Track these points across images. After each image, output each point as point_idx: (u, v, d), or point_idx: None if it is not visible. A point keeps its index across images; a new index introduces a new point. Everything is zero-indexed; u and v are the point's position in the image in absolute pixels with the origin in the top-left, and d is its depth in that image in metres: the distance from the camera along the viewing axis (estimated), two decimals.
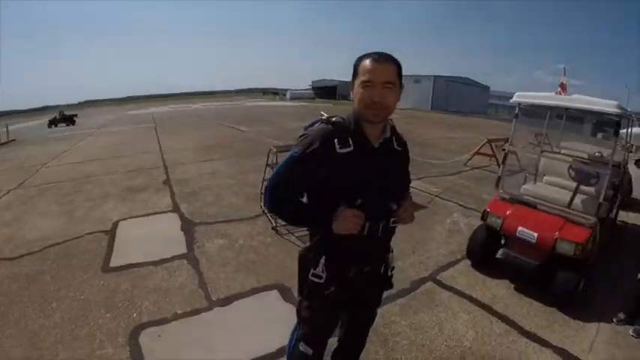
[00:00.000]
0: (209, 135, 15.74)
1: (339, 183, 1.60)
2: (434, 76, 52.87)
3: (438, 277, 4.05)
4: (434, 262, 4.39)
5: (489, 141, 10.59)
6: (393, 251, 1.92)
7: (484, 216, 4.19)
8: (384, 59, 1.53)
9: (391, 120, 1.75)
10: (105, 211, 6.24)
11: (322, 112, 1.71)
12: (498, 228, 3.99)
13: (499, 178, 4.47)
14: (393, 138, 1.73)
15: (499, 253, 4.11)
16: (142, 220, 5.80)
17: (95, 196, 7.13)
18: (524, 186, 4.79)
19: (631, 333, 3.25)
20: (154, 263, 4.32)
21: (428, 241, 4.94)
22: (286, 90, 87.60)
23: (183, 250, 4.64)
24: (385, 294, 3.55)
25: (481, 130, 19.96)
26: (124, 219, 5.81)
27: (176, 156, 11.00)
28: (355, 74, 1.58)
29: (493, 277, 4.08)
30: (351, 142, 1.59)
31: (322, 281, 1.74)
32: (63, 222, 5.82)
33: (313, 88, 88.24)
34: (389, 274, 1.91)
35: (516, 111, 4.50)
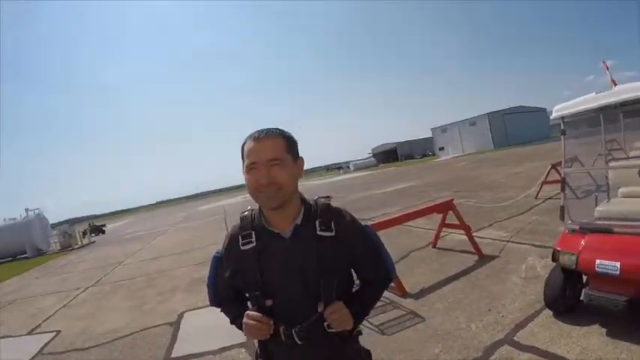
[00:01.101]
0: None
1: (243, 283, 1.47)
2: (487, 114, 51.91)
3: (515, 338, 3.47)
4: (510, 319, 3.83)
5: (554, 166, 9.87)
6: None
7: (555, 256, 3.64)
8: (264, 136, 1.37)
9: (328, 197, 1.52)
10: (173, 303, 6.56)
11: (249, 207, 1.54)
12: (574, 266, 3.41)
13: (562, 208, 3.91)
14: (317, 223, 1.43)
15: (582, 295, 3.45)
16: (206, 310, 5.85)
17: (165, 290, 7.59)
18: (597, 208, 4.14)
19: None
20: (214, 352, 4.36)
21: (503, 295, 4.39)
22: (349, 162, 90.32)
23: (242, 338, 4.52)
24: None
25: (547, 155, 18.82)
26: (190, 310, 6.02)
27: None
28: (242, 158, 1.42)
29: (580, 324, 3.41)
30: (254, 236, 1.43)
31: None
32: (132, 316, 6.25)
33: (374, 155, 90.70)
34: None
35: (562, 127, 4.09)
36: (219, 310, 1.66)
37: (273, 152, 1.35)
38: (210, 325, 5.17)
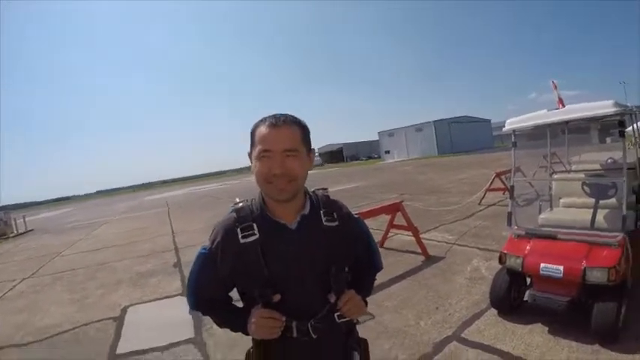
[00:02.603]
0: (220, 213, 15.94)
1: (247, 278, 1.34)
2: (433, 121, 53.93)
3: (463, 335, 3.64)
4: (457, 317, 4.02)
5: (498, 174, 10.47)
6: (360, 349, 1.52)
7: (502, 258, 3.87)
8: (282, 122, 1.30)
9: (326, 189, 1.50)
10: (116, 297, 6.26)
11: (236, 199, 1.45)
12: (520, 269, 3.66)
13: (509, 215, 4.14)
14: (321, 212, 1.41)
15: (526, 296, 3.73)
16: (151, 305, 5.71)
17: (107, 283, 7.21)
18: (540, 216, 4.41)
19: None
20: (161, 349, 4.19)
21: (450, 295, 4.59)
22: None
23: (190, 334, 4.44)
24: None
25: (490, 164, 19.89)
26: (134, 304, 5.78)
27: (187, 238, 11.03)
28: (252, 144, 1.34)
29: (524, 323, 3.64)
30: (255, 228, 1.33)
31: None
32: (74, 309, 5.91)
33: (320, 155, 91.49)
34: None
35: (512, 139, 4.33)
36: (171, 305, 1.48)
37: (291, 142, 1.29)
38: (156, 321, 5.06)
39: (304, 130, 1.36)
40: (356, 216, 1.57)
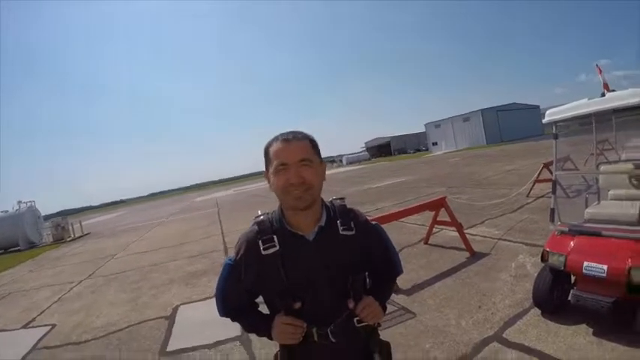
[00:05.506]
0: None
1: (269, 287, 1.46)
2: (481, 110, 52.19)
3: (504, 335, 3.55)
4: (499, 316, 3.92)
5: (546, 165, 10.01)
6: (382, 352, 1.57)
7: (544, 256, 3.72)
8: (293, 137, 1.40)
9: (343, 199, 1.58)
10: (168, 297, 6.59)
11: (258, 211, 1.56)
12: (562, 267, 3.49)
13: (552, 211, 3.97)
14: (338, 222, 1.48)
15: (570, 296, 3.54)
16: (202, 304, 5.96)
17: (159, 284, 7.59)
18: (586, 210, 4.16)
19: None
20: (209, 346, 4.40)
21: (493, 293, 4.48)
22: (342, 156, 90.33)
23: (237, 332, 4.57)
24: None
25: (539, 153, 19.05)
26: (185, 303, 6.07)
27: (236, 237, 11.20)
28: (268, 161, 1.43)
29: (568, 324, 3.48)
30: (276, 240, 1.42)
31: None
32: (127, 309, 6.29)
33: (367, 149, 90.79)
34: None
35: (554, 131, 4.16)
36: (215, 308, 1.61)
37: (303, 153, 1.38)
38: (205, 319, 5.23)
39: (313, 144, 1.46)
40: (373, 223, 1.63)
